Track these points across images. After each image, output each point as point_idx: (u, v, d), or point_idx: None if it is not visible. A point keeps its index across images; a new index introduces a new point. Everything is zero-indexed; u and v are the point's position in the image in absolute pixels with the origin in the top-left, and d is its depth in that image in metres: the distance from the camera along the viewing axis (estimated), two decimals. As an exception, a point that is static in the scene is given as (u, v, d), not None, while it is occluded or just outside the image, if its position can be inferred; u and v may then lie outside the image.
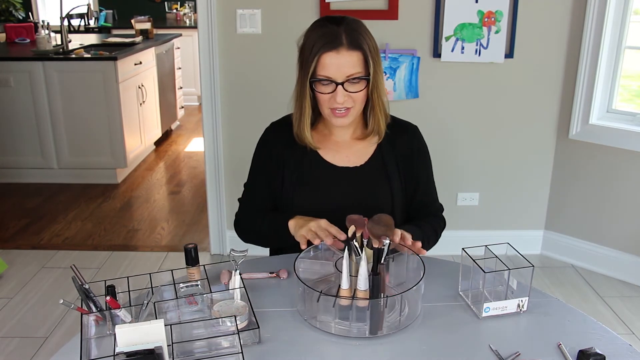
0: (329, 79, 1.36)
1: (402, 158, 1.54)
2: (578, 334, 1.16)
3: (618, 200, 2.87)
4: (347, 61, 1.35)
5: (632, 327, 2.53)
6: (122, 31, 5.88)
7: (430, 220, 1.57)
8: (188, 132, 5.76)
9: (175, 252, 3.21)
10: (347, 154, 1.53)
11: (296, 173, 1.51)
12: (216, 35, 2.80)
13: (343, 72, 1.35)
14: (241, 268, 1.26)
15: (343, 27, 1.36)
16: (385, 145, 1.53)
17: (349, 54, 1.34)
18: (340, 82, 1.36)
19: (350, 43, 1.34)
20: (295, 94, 1.46)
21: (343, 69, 1.35)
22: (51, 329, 2.48)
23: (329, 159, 1.52)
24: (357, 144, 1.53)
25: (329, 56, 1.34)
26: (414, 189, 1.57)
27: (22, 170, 4.21)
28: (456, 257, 1.38)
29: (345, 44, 1.34)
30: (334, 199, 1.50)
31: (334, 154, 1.52)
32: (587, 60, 2.76)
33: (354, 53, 1.35)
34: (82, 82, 4.00)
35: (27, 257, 3.12)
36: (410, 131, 1.58)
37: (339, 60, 1.34)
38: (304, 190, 1.51)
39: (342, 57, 1.34)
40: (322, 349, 1.12)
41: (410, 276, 1.31)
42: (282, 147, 1.54)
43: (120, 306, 1.15)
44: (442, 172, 3.15)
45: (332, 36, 1.35)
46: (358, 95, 1.39)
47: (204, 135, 2.99)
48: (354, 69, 1.36)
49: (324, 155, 1.52)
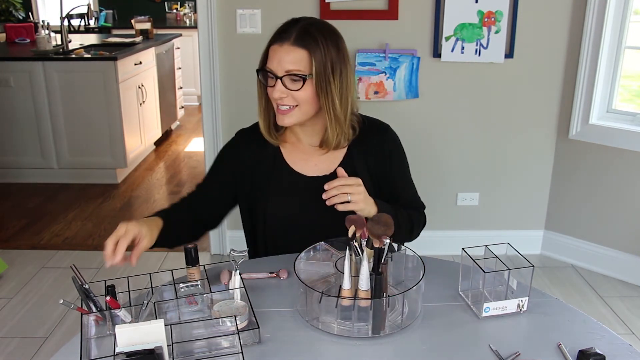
0: (270, 71, 1.37)
1: (374, 160, 1.51)
2: (578, 334, 1.16)
3: (618, 200, 2.87)
4: (288, 56, 1.34)
5: (632, 327, 2.53)
6: (122, 31, 5.88)
7: (408, 209, 1.53)
8: (188, 132, 5.76)
9: (175, 252, 3.20)
10: (316, 162, 1.50)
11: (265, 182, 1.50)
12: (216, 35, 2.80)
13: (283, 67, 1.34)
14: (241, 268, 1.26)
15: (299, 25, 1.37)
16: (354, 148, 1.50)
17: (292, 49, 1.34)
18: (280, 76, 1.35)
19: (296, 39, 1.34)
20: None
21: (283, 63, 1.34)
22: (51, 329, 2.48)
23: (298, 169, 1.50)
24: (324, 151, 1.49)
25: (273, 49, 1.36)
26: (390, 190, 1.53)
27: (22, 170, 4.21)
28: (456, 257, 1.38)
29: (292, 39, 1.34)
30: (305, 208, 1.47)
31: (303, 163, 1.50)
32: (587, 60, 2.76)
33: (297, 50, 1.34)
34: (82, 82, 4.00)
35: (27, 257, 3.12)
36: (382, 132, 1.54)
37: (281, 54, 1.34)
38: (274, 200, 1.48)
39: (284, 51, 1.34)
40: (322, 349, 1.12)
41: (409, 276, 1.31)
42: (252, 156, 1.52)
43: (120, 306, 1.15)
44: (442, 172, 3.18)
45: (283, 30, 1.37)
46: (299, 94, 1.36)
47: (204, 135, 2.99)
48: (293, 66, 1.34)
49: (292, 164, 1.50)
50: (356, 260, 1.19)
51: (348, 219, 1.25)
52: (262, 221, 1.51)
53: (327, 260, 1.33)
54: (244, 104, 2.93)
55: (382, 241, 1.17)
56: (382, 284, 1.14)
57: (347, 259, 1.16)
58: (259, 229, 1.52)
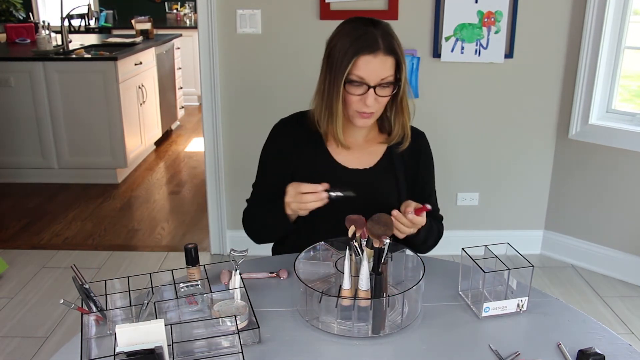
0: (362, 81, 1.36)
1: (410, 162, 1.56)
2: (578, 334, 1.17)
3: (618, 200, 2.87)
4: (382, 65, 1.35)
5: (632, 327, 2.53)
6: (123, 31, 5.88)
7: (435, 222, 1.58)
8: (188, 132, 5.76)
9: (175, 252, 3.21)
10: (358, 155, 1.53)
11: (307, 173, 1.51)
12: (216, 35, 2.80)
13: (377, 76, 1.35)
14: (241, 268, 1.26)
15: (380, 31, 1.36)
16: (394, 147, 1.54)
17: (385, 58, 1.35)
18: (373, 85, 1.36)
19: (386, 47, 1.35)
20: (321, 93, 1.44)
21: (378, 72, 1.35)
22: (51, 329, 2.48)
23: (341, 161, 1.52)
24: (368, 145, 1.54)
25: (365, 59, 1.34)
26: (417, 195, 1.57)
27: (22, 170, 4.21)
28: (456, 257, 1.38)
29: (383, 48, 1.34)
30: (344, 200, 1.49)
31: (345, 155, 1.52)
32: (587, 60, 2.77)
33: (389, 58, 1.36)
34: (83, 82, 4.00)
35: (27, 257, 3.12)
36: (418, 136, 1.59)
37: (375, 64, 1.34)
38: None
39: (378, 61, 1.34)
40: (322, 349, 1.12)
41: (409, 275, 1.31)
42: (292, 145, 1.53)
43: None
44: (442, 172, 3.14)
45: (370, 39, 1.35)
46: (385, 99, 1.40)
47: (204, 135, 2.99)
48: (387, 73, 1.36)
49: (335, 156, 1.52)
50: (356, 260, 1.19)
51: (348, 219, 1.25)
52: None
53: (327, 260, 1.33)
54: (244, 104, 2.93)
55: (382, 241, 1.17)
56: (382, 284, 1.14)
57: (347, 259, 1.16)
58: None
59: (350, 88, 1.38)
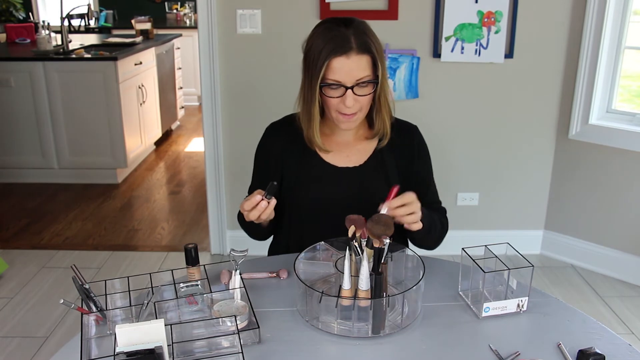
0: (339, 83, 1.34)
1: (402, 157, 1.54)
2: (578, 334, 1.17)
3: (618, 200, 2.87)
4: (356, 65, 1.33)
5: (632, 327, 2.53)
6: (123, 31, 5.88)
7: (437, 213, 1.56)
8: (188, 132, 5.76)
9: (175, 252, 3.21)
10: (348, 153, 1.52)
11: (296, 173, 1.52)
12: (216, 35, 2.80)
13: (353, 76, 1.33)
14: (241, 268, 1.26)
15: (352, 30, 1.34)
16: (384, 144, 1.53)
17: (358, 57, 1.33)
18: (350, 86, 1.34)
19: (359, 47, 1.32)
20: (301, 97, 1.44)
21: (353, 73, 1.33)
22: (51, 329, 2.48)
23: (329, 160, 1.52)
24: (358, 143, 1.53)
25: (338, 60, 1.32)
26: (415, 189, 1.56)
27: (22, 170, 4.21)
28: (456, 257, 1.38)
29: (355, 47, 1.32)
30: (335, 199, 1.50)
31: (334, 154, 1.52)
32: (587, 61, 2.77)
33: (363, 57, 1.33)
34: (83, 82, 4.00)
35: (27, 257, 3.12)
36: (410, 130, 1.58)
37: (349, 65, 1.32)
38: (303, 191, 1.51)
39: (352, 62, 1.32)
40: (322, 349, 1.12)
41: (409, 275, 1.31)
42: (281, 148, 1.54)
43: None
44: (442, 172, 3.15)
45: (342, 40, 1.32)
46: (365, 98, 1.38)
47: (204, 135, 2.99)
48: (363, 73, 1.34)
49: (324, 155, 1.52)
50: (356, 260, 1.19)
51: (348, 218, 1.25)
52: (289, 209, 1.52)
53: (327, 260, 1.33)
54: (244, 104, 2.93)
55: (382, 241, 1.17)
56: (382, 284, 1.14)
57: (347, 259, 1.16)
58: (284, 218, 1.54)
59: (327, 91, 1.37)
